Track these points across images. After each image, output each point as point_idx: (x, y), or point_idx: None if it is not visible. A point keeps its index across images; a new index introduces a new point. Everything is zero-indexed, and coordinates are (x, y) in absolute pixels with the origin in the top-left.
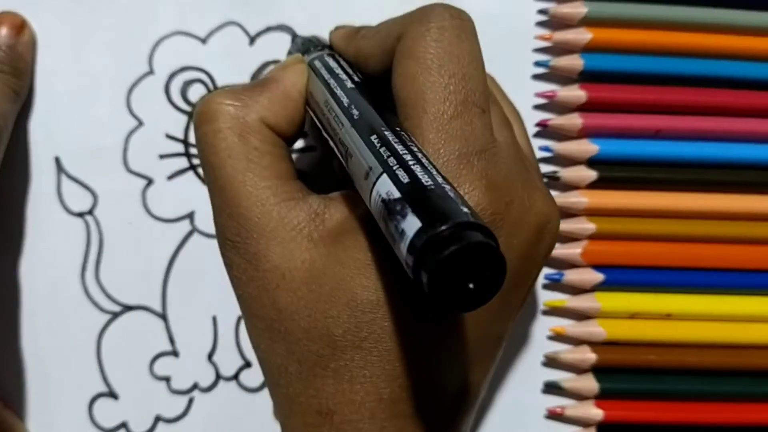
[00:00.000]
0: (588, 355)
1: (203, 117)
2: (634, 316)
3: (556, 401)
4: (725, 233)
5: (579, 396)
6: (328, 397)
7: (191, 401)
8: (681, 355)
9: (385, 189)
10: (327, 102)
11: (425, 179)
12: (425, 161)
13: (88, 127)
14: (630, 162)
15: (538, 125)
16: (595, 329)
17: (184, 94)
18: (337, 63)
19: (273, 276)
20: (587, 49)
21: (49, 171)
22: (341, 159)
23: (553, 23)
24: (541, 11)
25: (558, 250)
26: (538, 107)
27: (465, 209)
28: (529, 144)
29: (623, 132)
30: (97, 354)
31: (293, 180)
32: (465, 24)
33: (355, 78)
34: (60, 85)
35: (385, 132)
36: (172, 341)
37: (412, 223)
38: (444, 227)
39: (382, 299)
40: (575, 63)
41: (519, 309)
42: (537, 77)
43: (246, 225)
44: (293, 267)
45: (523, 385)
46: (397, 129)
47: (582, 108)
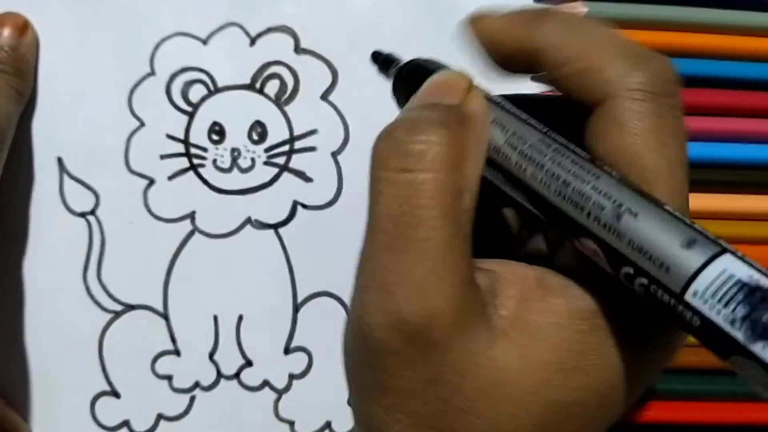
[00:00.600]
0: None
1: (417, 157)
2: None
3: None
4: (724, 233)
5: None
6: None
7: (193, 400)
8: (682, 355)
9: (736, 269)
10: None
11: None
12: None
13: (89, 128)
14: None
15: None
16: None
17: (185, 94)
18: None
19: (450, 372)
20: None
21: (52, 171)
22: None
23: None
24: None
25: None
26: None
27: None
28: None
29: None
30: (99, 353)
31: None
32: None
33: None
34: (62, 86)
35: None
36: (173, 340)
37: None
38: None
39: (582, 399)
40: None
41: None
42: (536, 78)
43: (441, 306)
44: (479, 364)
45: None
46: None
47: None
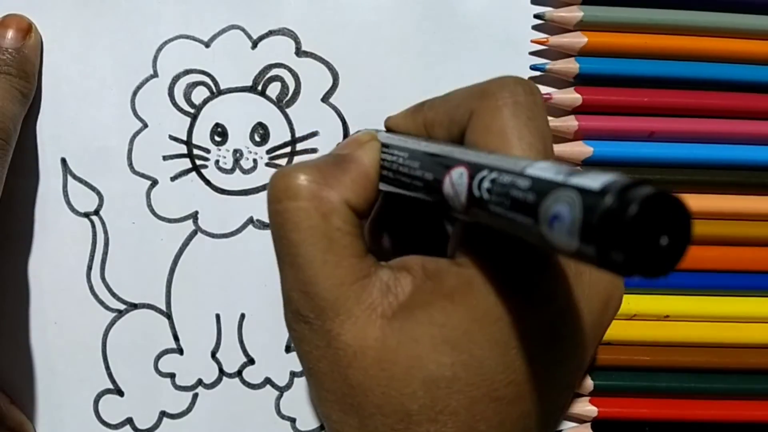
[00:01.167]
0: None
1: (285, 192)
2: (633, 317)
3: None
4: (720, 234)
5: (574, 393)
6: None
7: (195, 397)
8: (675, 355)
9: (510, 180)
10: (411, 154)
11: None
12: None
13: (93, 129)
14: (624, 164)
15: None
16: None
17: (187, 96)
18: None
19: (345, 354)
20: (582, 53)
21: (56, 172)
22: (427, 194)
23: (549, 27)
24: (537, 15)
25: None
26: None
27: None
28: None
29: (618, 134)
30: (103, 351)
31: (366, 256)
32: (537, 99)
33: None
34: (66, 88)
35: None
36: (176, 339)
37: (574, 195)
38: (622, 183)
39: (458, 374)
40: (571, 66)
41: (582, 378)
42: (533, 80)
43: (322, 303)
44: (366, 345)
45: None
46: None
47: (577, 111)
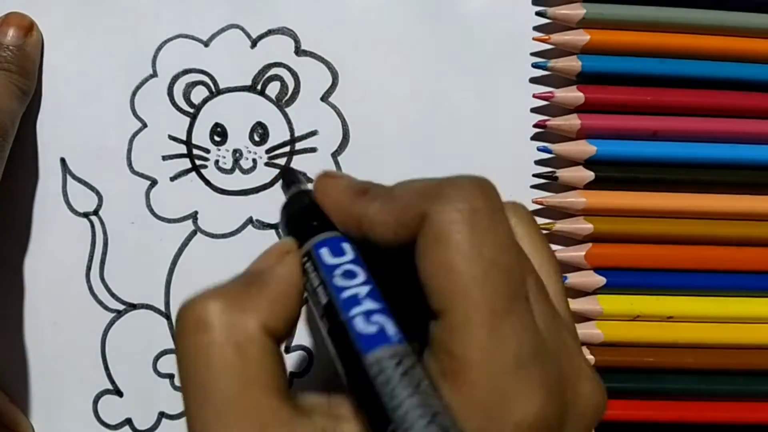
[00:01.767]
0: (586, 357)
1: (193, 324)
2: (636, 318)
3: None
4: (722, 234)
5: None
6: None
7: None
8: (679, 356)
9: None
10: (331, 316)
11: None
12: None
13: (92, 129)
14: (627, 162)
15: (536, 126)
16: (593, 331)
17: (186, 96)
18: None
19: None
20: (585, 51)
21: (55, 172)
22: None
23: (551, 25)
24: (539, 13)
25: (561, 252)
26: (536, 109)
27: None
28: (565, 300)
29: (621, 133)
30: (102, 352)
31: (290, 396)
32: (496, 204)
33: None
34: (65, 88)
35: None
36: (175, 339)
37: None
38: None
39: None
40: (573, 64)
41: None
42: (535, 79)
43: None
44: None
45: None
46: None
47: (580, 109)
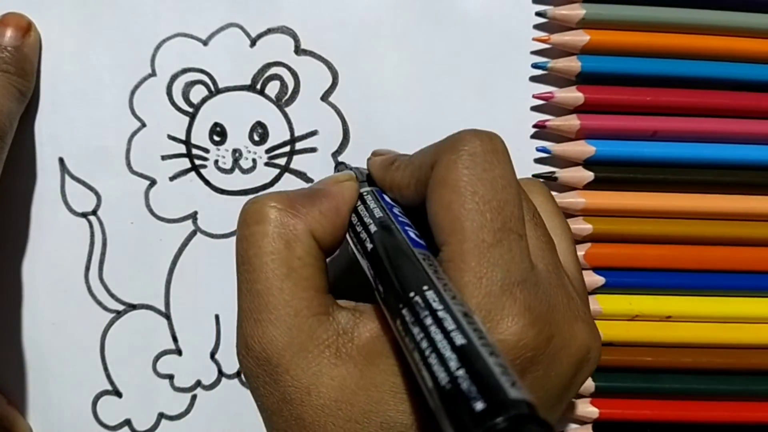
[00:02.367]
0: None
1: (253, 216)
2: (635, 318)
3: None
4: (722, 234)
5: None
6: None
7: (194, 399)
8: (677, 356)
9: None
10: (370, 235)
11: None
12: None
13: (91, 129)
14: (627, 163)
15: (536, 126)
16: None
17: (185, 95)
18: (382, 199)
19: (297, 391)
20: (585, 51)
21: (53, 172)
22: (374, 286)
23: (551, 25)
24: (539, 13)
25: None
26: (535, 108)
27: (519, 394)
28: (576, 261)
29: (620, 133)
30: (101, 352)
31: (327, 294)
32: (496, 147)
33: (398, 216)
34: (64, 87)
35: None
36: (175, 339)
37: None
38: (500, 420)
39: (416, 423)
40: (573, 65)
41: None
42: (535, 79)
43: (273, 334)
44: (320, 383)
45: None
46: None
47: (579, 109)
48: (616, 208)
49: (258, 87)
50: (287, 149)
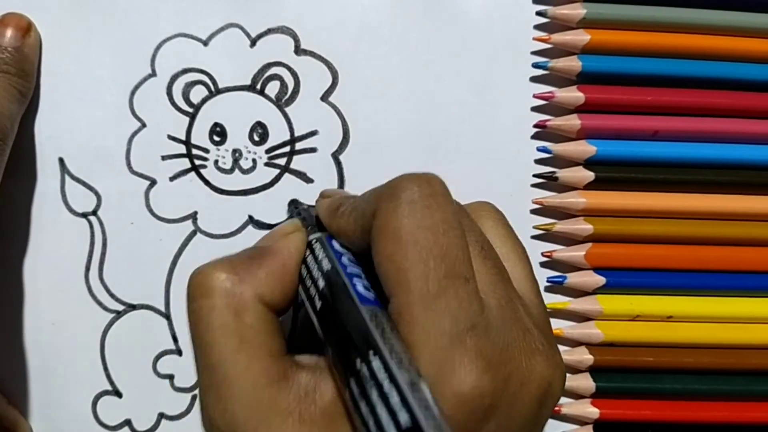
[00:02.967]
0: (585, 357)
1: (198, 290)
2: (636, 318)
3: None
4: (722, 234)
5: (575, 395)
6: None
7: (194, 399)
8: (678, 356)
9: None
10: (319, 291)
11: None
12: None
13: (91, 129)
14: (628, 163)
15: (536, 126)
16: (593, 331)
17: (186, 95)
18: (331, 247)
19: None
20: (585, 51)
21: (54, 172)
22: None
23: (552, 25)
24: (540, 13)
25: (561, 252)
26: (536, 108)
27: None
28: (533, 285)
29: (621, 133)
30: (101, 352)
31: (284, 356)
32: (435, 191)
33: (346, 267)
34: (64, 87)
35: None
36: (175, 339)
37: None
38: None
39: None
40: (573, 64)
41: None
42: (535, 79)
43: (234, 407)
44: None
45: None
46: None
47: (580, 109)
48: (616, 208)
49: (258, 87)
50: (287, 149)
